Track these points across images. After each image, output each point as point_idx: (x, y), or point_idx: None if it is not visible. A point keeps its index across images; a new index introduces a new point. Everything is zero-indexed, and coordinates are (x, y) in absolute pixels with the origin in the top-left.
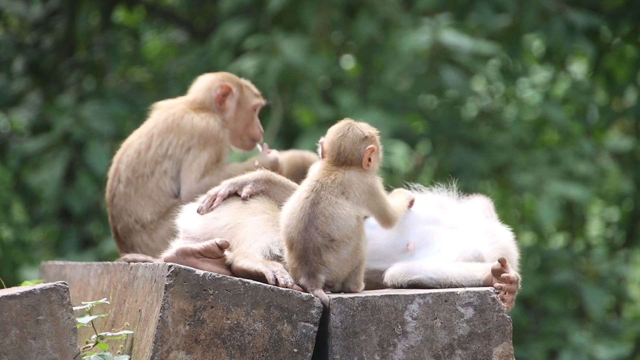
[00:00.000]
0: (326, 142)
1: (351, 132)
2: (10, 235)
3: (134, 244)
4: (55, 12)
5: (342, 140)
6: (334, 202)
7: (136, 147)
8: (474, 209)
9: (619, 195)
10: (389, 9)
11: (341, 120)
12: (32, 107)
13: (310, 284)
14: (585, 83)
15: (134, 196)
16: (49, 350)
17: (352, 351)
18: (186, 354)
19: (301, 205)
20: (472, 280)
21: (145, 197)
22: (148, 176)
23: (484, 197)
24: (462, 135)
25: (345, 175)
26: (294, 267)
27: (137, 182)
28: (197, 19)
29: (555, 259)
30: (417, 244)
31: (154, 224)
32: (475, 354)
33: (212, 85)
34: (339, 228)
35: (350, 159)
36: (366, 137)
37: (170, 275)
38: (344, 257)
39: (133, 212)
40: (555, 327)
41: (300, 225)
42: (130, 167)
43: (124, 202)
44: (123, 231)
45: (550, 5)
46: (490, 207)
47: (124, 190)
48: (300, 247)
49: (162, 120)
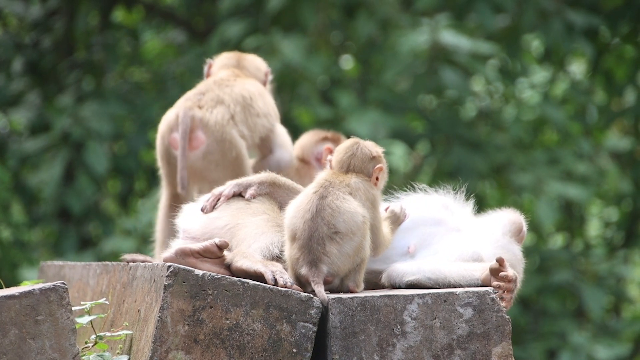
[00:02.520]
0: (335, 160)
1: (360, 152)
2: (10, 235)
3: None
4: (54, 12)
5: (351, 159)
6: (342, 197)
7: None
8: (495, 221)
9: (618, 195)
10: (387, 9)
11: (347, 140)
12: (31, 107)
13: (312, 274)
14: (584, 83)
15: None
16: (48, 351)
17: (351, 351)
18: (185, 354)
19: (309, 199)
20: (470, 280)
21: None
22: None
23: (514, 212)
24: (461, 135)
25: (352, 180)
26: (296, 257)
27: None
28: (196, 18)
29: (554, 259)
30: (417, 246)
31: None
32: (475, 354)
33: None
34: (345, 221)
35: (359, 172)
36: (374, 157)
37: (169, 275)
38: (347, 251)
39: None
40: (554, 327)
41: (307, 215)
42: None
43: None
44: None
45: (549, 5)
46: (515, 224)
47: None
48: (305, 236)
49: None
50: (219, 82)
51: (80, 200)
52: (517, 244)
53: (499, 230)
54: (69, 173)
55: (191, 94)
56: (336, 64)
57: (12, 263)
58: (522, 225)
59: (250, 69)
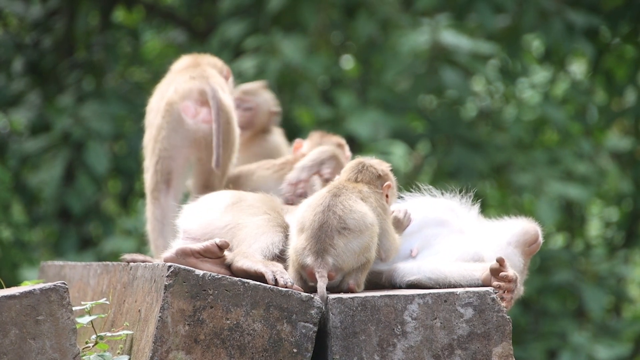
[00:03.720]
0: (342, 179)
1: (367, 171)
2: (10, 235)
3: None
4: (54, 12)
5: (358, 175)
6: (354, 199)
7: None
8: (503, 228)
9: (619, 195)
10: (388, 9)
11: (352, 161)
12: (32, 107)
13: (317, 264)
14: (585, 83)
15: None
16: (49, 351)
17: (351, 351)
18: (186, 354)
19: (322, 196)
20: (470, 280)
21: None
22: None
23: (530, 222)
24: (462, 135)
25: (364, 188)
26: (302, 247)
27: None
28: (196, 19)
29: (554, 259)
30: (420, 248)
31: None
32: (475, 354)
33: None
34: (355, 219)
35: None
36: (380, 175)
37: (169, 275)
38: (353, 247)
39: None
40: (555, 327)
41: (319, 208)
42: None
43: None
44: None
45: (550, 5)
46: (527, 234)
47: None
48: (315, 227)
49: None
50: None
51: (80, 200)
52: (522, 255)
53: (505, 238)
54: (70, 173)
55: (188, 71)
56: (336, 64)
57: (12, 263)
58: (536, 237)
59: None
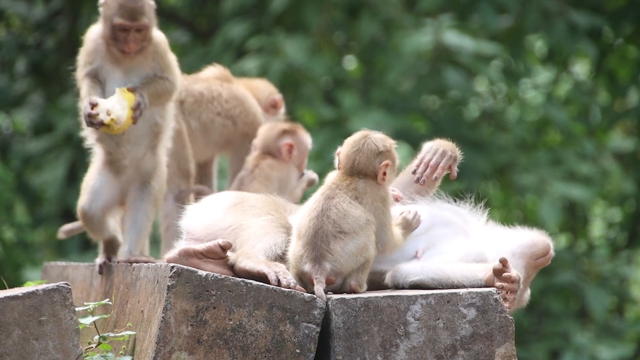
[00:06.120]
0: (342, 154)
1: (366, 147)
2: (13, 235)
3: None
4: (57, 13)
5: (357, 155)
6: (348, 201)
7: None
8: (510, 238)
9: (621, 196)
10: (391, 10)
11: (358, 132)
12: (35, 108)
13: (315, 271)
14: (588, 84)
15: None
16: (52, 351)
17: (354, 352)
18: (188, 354)
19: (317, 200)
20: (473, 280)
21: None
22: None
23: (541, 234)
24: (464, 135)
25: (359, 184)
26: (300, 254)
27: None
28: (199, 19)
29: (557, 259)
30: (425, 249)
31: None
32: (478, 355)
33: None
34: (349, 223)
35: (364, 172)
36: (381, 151)
37: (172, 276)
38: (350, 250)
39: None
40: (558, 327)
41: (313, 214)
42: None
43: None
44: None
45: (553, 6)
46: (536, 246)
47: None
48: (310, 233)
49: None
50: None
51: None
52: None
53: (510, 247)
54: (72, 173)
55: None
56: (339, 65)
57: (15, 264)
58: (546, 250)
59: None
